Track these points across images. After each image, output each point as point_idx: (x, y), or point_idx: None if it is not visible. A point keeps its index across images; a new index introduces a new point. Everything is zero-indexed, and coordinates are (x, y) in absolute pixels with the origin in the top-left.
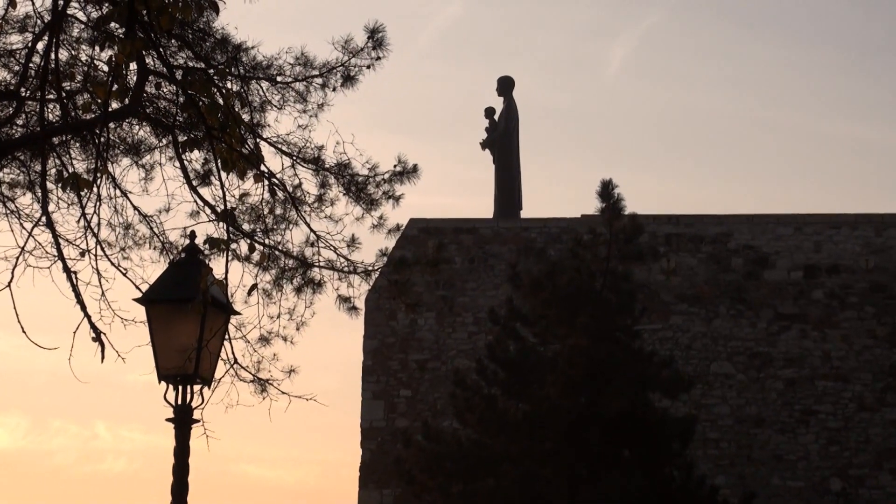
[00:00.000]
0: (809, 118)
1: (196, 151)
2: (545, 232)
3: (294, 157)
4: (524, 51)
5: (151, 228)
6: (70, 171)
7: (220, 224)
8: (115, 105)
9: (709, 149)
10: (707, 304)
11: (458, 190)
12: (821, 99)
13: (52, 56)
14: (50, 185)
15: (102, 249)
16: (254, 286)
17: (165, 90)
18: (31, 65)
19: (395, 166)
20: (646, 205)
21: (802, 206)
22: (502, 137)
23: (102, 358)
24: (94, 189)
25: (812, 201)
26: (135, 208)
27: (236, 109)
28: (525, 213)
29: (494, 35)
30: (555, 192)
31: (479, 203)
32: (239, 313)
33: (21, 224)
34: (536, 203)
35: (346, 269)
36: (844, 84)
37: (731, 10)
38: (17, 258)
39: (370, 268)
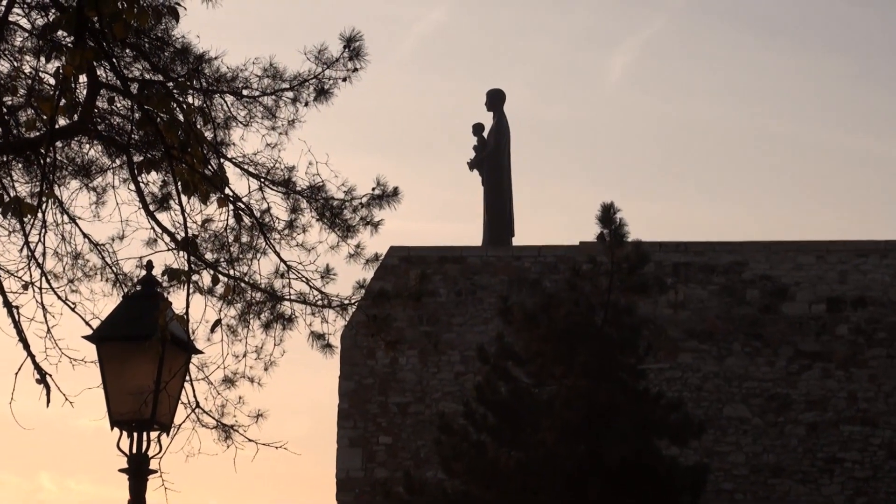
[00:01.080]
0: (832, 133)
1: (153, 173)
2: (540, 261)
3: (262, 179)
4: (515, 61)
5: (103, 258)
6: (11, 195)
7: (181, 253)
8: (62, 122)
9: (720, 168)
10: (720, 340)
11: (443, 215)
12: (844, 112)
13: None
14: None
15: (48, 281)
16: (217, 322)
17: (119, 105)
18: None
19: (373, 189)
20: (651, 231)
21: (825, 233)
22: (492, 156)
23: (48, 402)
24: (39, 215)
25: (836, 227)
26: (85, 236)
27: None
28: (517, 241)
29: (483, 44)
30: (550, 217)
31: (466, 229)
32: (201, 352)
33: None
34: (530, 229)
35: (319, 302)
36: (870, 96)
37: (741, 15)
38: None
39: (346, 301)
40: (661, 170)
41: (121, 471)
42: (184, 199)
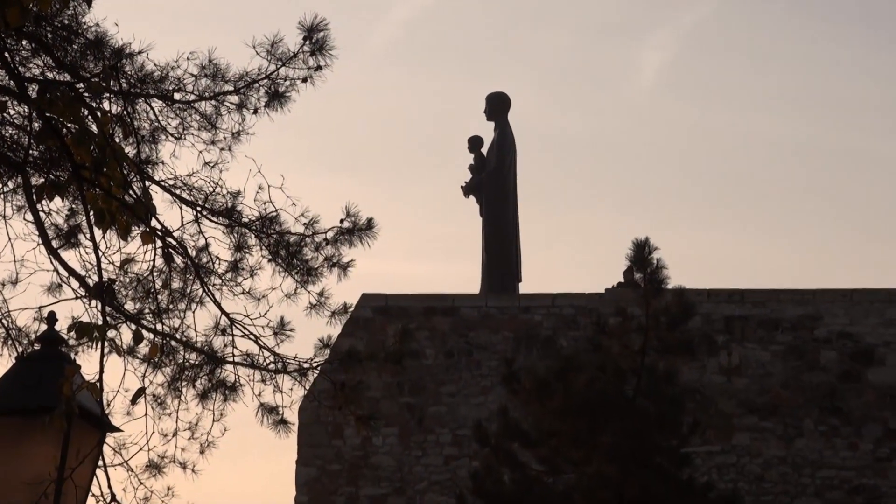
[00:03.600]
0: None
1: (57, 199)
2: (554, 313)
3: (199, 208)
4: (522, 57)
5: None
6: None
7: (93, 302)
8: None
9: (784, 193)
10: (787, 416)
11: (430, 254)
12: None
13: None
14: None
15: None
16: (140, 391)
17: (13, 112)
18: None
19: (341, 221)
20: (697, 275)
21: None
22: (493, 178)
23: None
24: None
25: None
26: None
27: (116, 140)
28: (525, 287)
29: (480, 35)
30: (567, 257)
31: (460, 272)
32: (119, 430)
33: None
34: (541, 272)
35: (271, 366)
36: None
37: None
38: None
39: (306, 365)
40: (708, 197)
41: None
42: (97, 233)
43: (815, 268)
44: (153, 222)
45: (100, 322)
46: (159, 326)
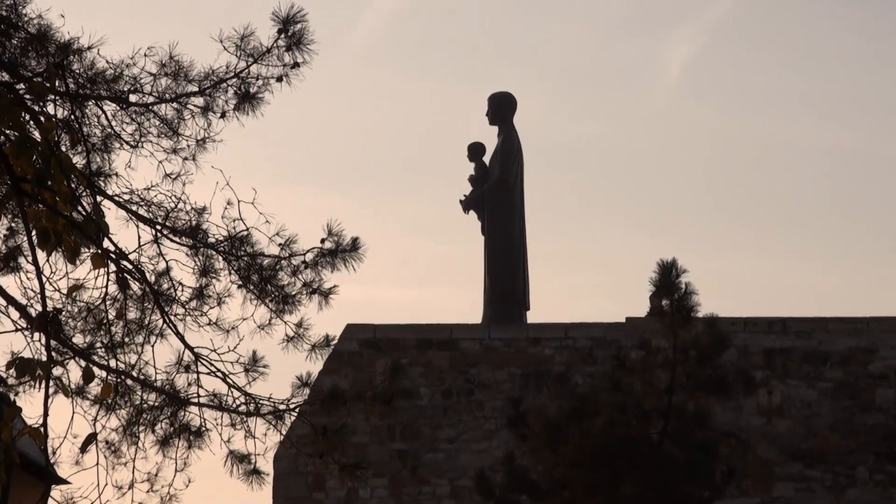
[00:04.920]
0: None
1: None
2: (567, 346)
3: (158, 227)
4: (529, 55)
5: None
6: None
7: (36, 336)
8: None
9: (831, 207)
10: (836, 463)
11: (424, 278)
12: None
13: None
14: None
15: None
16: (91, 437)
17: None
18: None
19: (322, 241)
20: (731, 301)
21: None
22: (497, 191)
23: None
24: None
25: None
26: None
27: (63, 149)
28: (534, 317)
29: (479, 29)
30: (582, 281)
31: (459, 300)
32: (66, 481)
33: None
34: (551, 299)
35: (242, 408)
36: None
37: None
38: None
39: (282, 406)
40: (743, 212)
41: None
42: (41, 255)
43: (868, 293)
44: (105, 243)
45: (44, 358)
46: (113, 363)
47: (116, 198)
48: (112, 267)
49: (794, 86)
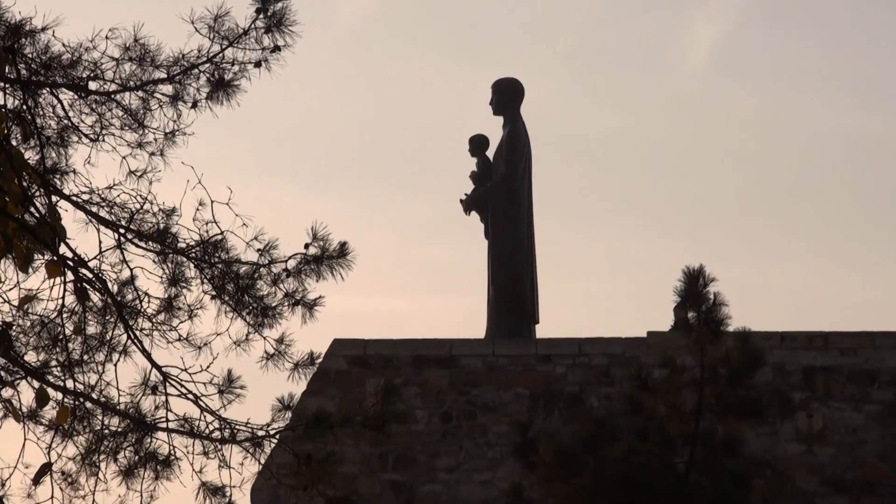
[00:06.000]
0: None
1: None
2: (581, 364)
3: (122, 230)
4: (537, 35)
5: None
6: None
7: None
8: None
9: (878, 208)
10: (886, 496)
11: (420, 287)
12: None
13: None
14: None
15: None
16: (46, 467)
17: None
18: None
19: (306, 246)
20: (766, 314)
21: None
22: (502, 190)
23: None
24: None
25: None
26: None
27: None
28: (543, 331)
29: (480, 7)
30: (598, 291)
31: (459, 311)
32: None
33: None
34: (563, 311)
35: (216, 434)
36: None
37: None
38: None
39: (261, 432)
40: (779, 214)
41: None
42: None
43: None
44: (62, 249)
45: None
46: (70, 383)
47: (74, 198)
48: (69, 276)
49: (841, 69)
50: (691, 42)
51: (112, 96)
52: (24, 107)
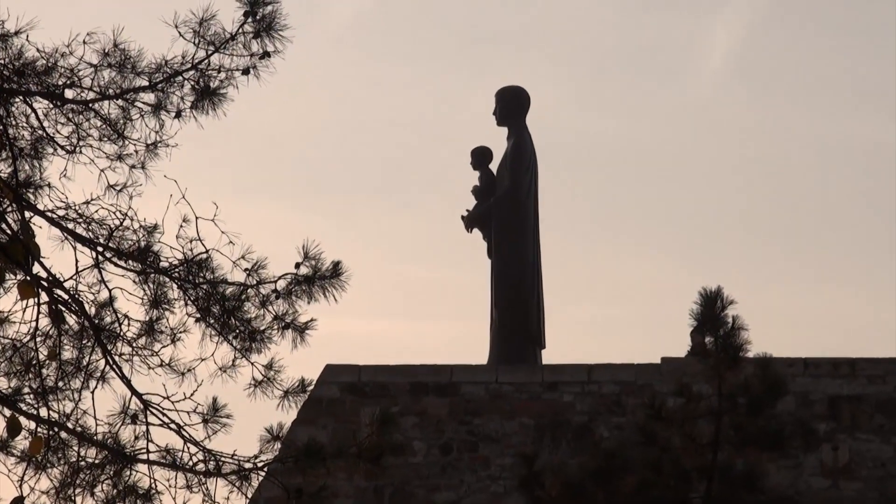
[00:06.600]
0: None
1: None
2: (590, 392)
3: (100, 248)
4: (544, 40)
5: None
6: None
7: None
8: None
9: None
10: None
11: (418, 310)
12: None
13: None
14: None
15: None
16: (18, 500)
17: None
18: None
19: (297, 265)
20: (788, 339)
21: None
22: (506, 205)
23: None
24: None
25: None
26: None
27: None
28: (550, 356)
29: (482, 10)
30: (608, 314)
31: (460, 335)
32: None
33: None
34: (571, 335)
35: (200, 466)
36: None
37: None
38: None
39: (248, 464)
40: (802, 232)
41: None
42: None
43: None
44: (35, 268)
45: None
46: (44, 412)
47: (49, 213)
48: (43, 297)
49: (867, 76)
50: (707, 47)
51: (90, 105)
52: None
